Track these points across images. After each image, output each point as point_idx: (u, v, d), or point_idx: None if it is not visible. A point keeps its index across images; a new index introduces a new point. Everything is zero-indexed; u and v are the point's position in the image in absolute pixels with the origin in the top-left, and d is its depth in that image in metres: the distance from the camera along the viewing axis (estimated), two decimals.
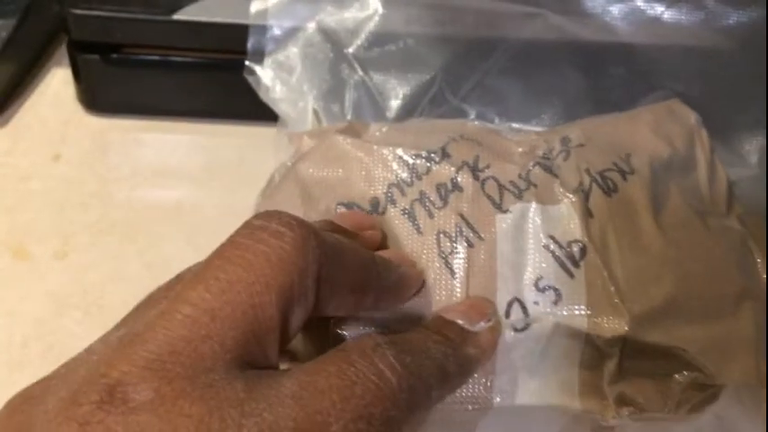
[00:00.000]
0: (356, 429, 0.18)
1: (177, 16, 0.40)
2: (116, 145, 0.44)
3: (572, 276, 0.26)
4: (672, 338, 0.25)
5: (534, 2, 0.38)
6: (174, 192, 0.42)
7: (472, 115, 0.40)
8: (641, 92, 0.38)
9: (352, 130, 0.31)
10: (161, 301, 0.20)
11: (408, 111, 0.39)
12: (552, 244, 0.26)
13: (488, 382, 0.25)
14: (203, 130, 0.44)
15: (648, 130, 0.30)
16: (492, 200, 0.27)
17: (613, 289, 0.25)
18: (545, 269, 0.26)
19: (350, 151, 0.29)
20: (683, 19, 0.39)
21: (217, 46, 0.41)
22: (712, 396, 0.27)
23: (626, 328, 0.25)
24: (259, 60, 0.39)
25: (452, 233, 0.27)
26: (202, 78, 0.43)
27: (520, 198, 0.27)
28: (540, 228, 0.27)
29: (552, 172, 0.28)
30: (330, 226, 0.24)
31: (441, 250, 0.26)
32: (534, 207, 0.27)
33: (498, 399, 0.25)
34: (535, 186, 0.28)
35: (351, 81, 0.39)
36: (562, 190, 0.27)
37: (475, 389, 0.25)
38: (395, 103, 0.39)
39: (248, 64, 0.39)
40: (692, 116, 0.32)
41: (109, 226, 0.40)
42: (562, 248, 0.26)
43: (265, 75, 0.39)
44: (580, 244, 0.26)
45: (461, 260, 0.26)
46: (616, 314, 0.25)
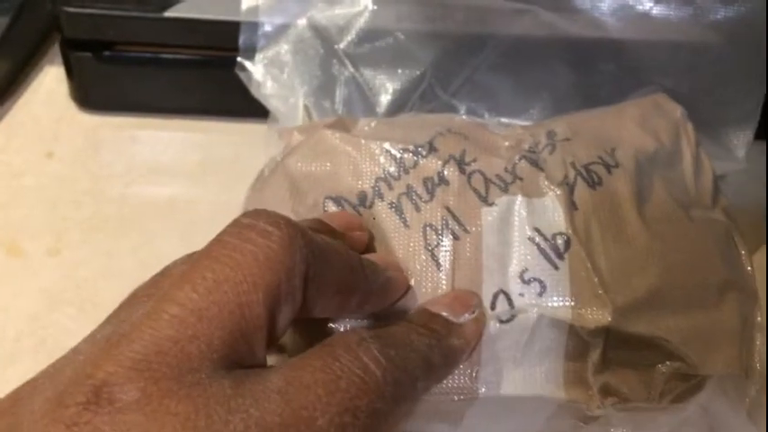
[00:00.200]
0: (342, 423, 0.18)
1: (169, 14, 0.40)
2: (109, 142, 0.44)
3: (556, 268, 0.26)
4: (655, 329, 0.25)
5: None
6: (168, 189, 0.42)
7: (462, 111, 0.40)
8: (630, 87, 0.38)
9: (340, 125, 0.31)
10: (147, 299, 0.20)
11: (398, 106, 0.39)
12: (537, 236, 0.26)
13: (474, 373, 0.25)
14: (196, 127, 0.45)
15: (634, 124, 0.30)
16: (478, 193, 0.27)
17: (597, 280, 0.25)
18: (530, 261, 0.26)
19: (338, 146, 0.30)
20: (672, 15, 0.39)
21: (208, 43, 0.41)
22: (696, 386, 0.27)
23: (609, 319, 0.25)
24: (250, 57, 0.39)
25: (439, 226, 0.27)
26: (195, 75, 0.43)
27: (506, 191, 0.27)
28: (526, 220, 0.27)
29: (538, 165, 0.28)
30: (318, 225, 0.25)
31: (427, 243, 0.27)
32: (520, 200, 0.27)
33: (484, 389, 0.25)
34: (521, 180, 0.28)
35: (341, 77, 0.39)
36: (547, 183, 0.27)
37: (460, 380, 0.25)
38: (385, 99, 0.39)
39: (240, 60, 0.39)
40: (678, 110, 0.32)
41: (102, 222, 0.40)
42: (547, 241, 0.26)
43: (256, 71, 0.39)
44: (564, 236, 0.26)
45: (447, 253, 0.26)
46: (599, 305, 0.25)
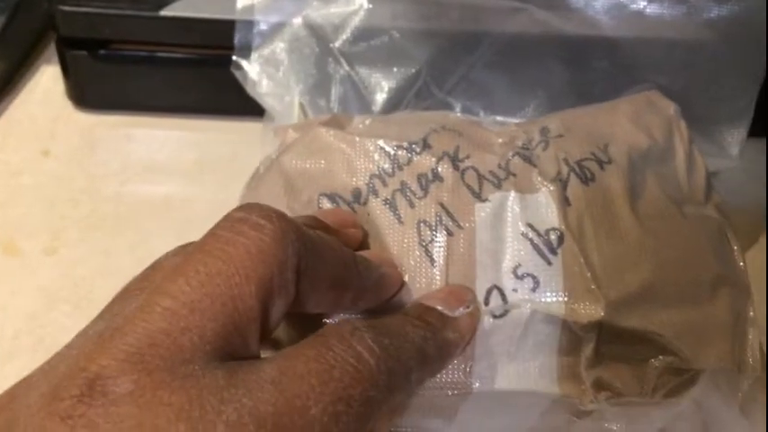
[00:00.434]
0: (335, 411, 0.19)
1: (164, 12, 0.40)
2: (105, 141, 0.44)
3: (549, 263, 0.26)
4: (648, 323, 0.26)
5: None
6: (164, 187, 0.42)
7: (457, 109, 0.40)
8: (625, 85, 0.38)
9: (335, 123, 0.32)
10: (139, 293, 0.20)
11: (394, 105, 0.39)
12: (530, 232, 0.27)
13: (467, 368, 0.25)
14: (192, 126, 0.45)
15: (627, 121, 0.31)
16: (471, 189, 0.28)
17: (590, 275, 0.26)
18: (523, 257, 0.26)
19: (332, 143, 0.30)
20: (666, 13, 0.39)
21: (204, 41, 0.41)
22: (689, 381, 0.27)
23: (602, 314, 0.25)
24: (246, 55, 0.39)
25: (432, 222, 0.27)
26: (190, 74, 0.43)
27: (499, 187, 0.28)
28: (519, 216, 0.27)
29: (531, 162, 0.28)
30: (312, 222, 0.25)
31: (421, 239, 0.27)
32: (513, 196, 0.27)
33: (477, 384, 0.25)
34: (514, 176, 0.28)
35: (337, 75, 0.39)
36: (540, 179, 0.28)
37: (454, 374, 0.25)
38: (380, 97, 0.39)
39: (235, 59, 0.39)
40: (671, 107, 0.32)
41: (99, 221, 0.40)
42: (540, 236, 0.26)
43: (252, 70, 0.39)
44: (558, 232, 0.26)
45: (441, 249, 0.27)
46: (592, 300, 0.25)
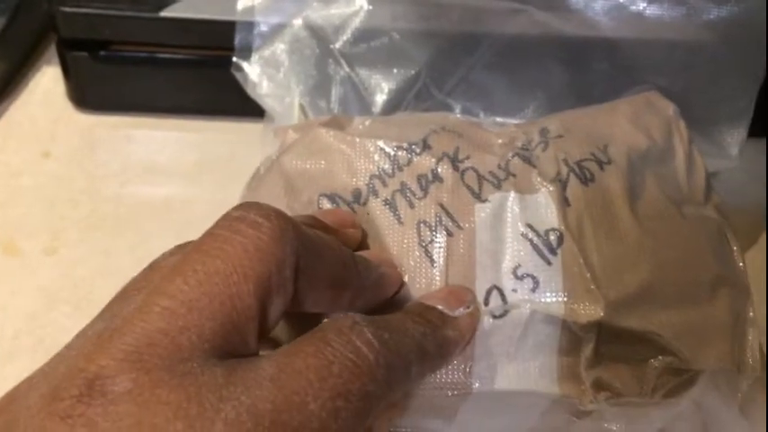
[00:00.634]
0: (334, 407, 0.19)
1: (164, 13, 0.40)
2: (105, 142, 0.44)
3: (549, 264, 0.26)
4: (647, 324, 0.26)
5: None
6: (164, 188, 0.42)
7: (457, 110, 0.40)
8: (624, 86, 0.38)
9: (335, 123, 0.32)
10: (137, 293, 0.20)
11: (394, 106, 0.39)
12: (530, 232, 0.27)
13: (467, 368, 0.25)
14: (193, 127, 0.45)
15: (626, 121, 0.31)
16: (471, 190, 0.28)
17: (589, 276, 0.26)
18: (523, 257, 0.26)
19: (332, 144, 0.30)
20: (665, 14, 0.39)
21: (204, 43, 0.41)
22: (689, 381, 0.27)
23: (601, 314, 0.25)
24: (246, 57, 0.39)
25: (432, 223, 0.27)
26: (191, 75, 0.43)
27: (499, 188, 0.28)
28: (519, 217, 0.27)
29: (531, 162, 0.28)
30: (311, 221, 0.25)
31: (421, 240, 0.27)
32: (513, 196, 0.27)
33: (477, 384, 0.25)
34: (514, 176, 0.28)
35: (337, 77, 0.39)
36: (540, 179, 0.28)
37: (454, 375, 0.25)
38: (380, 98, 0.39)
39: (236, 60, 0.39)
40: (671, 107, 0.32)
41: (99, 221, 0.40)
42: (540, 237, 0.26)
43: (252, 71, 0.39)
44: (557, 232, 0.26)
45: (441, 249, 0.27)
46: (592, 300, 0.25)
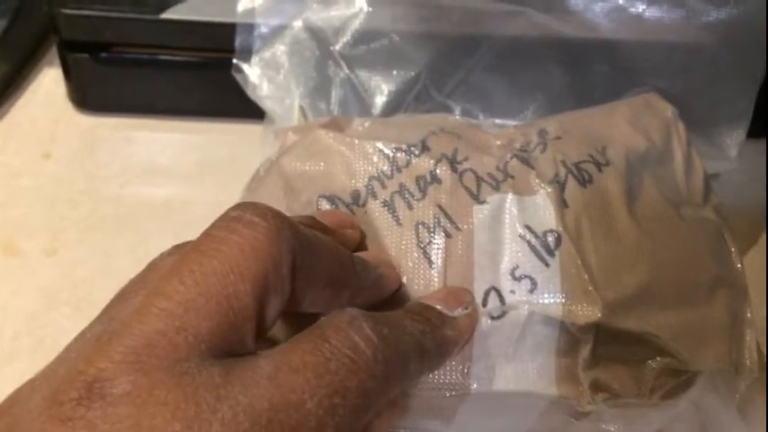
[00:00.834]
0: (331, 404, 0.19)
1: (165, 15, 0.40)
2: (106, 143, 0.44)
3: (547, 265, 0.26)
4: (645, 325, 0.26)
5: (518, 0, 0.39)
6: (164, 189, 0.42)
7: (457, 112, 0.40)
8: (624, 88, 0.39)
9: (335, 125, 0.32)
10: (134, 295, 0.20)
11: (393, 108, 0.40)
12: (528, 234, 0.27)
13: (465, 369, 0.25)
14: (193, 128, 0.45)
15: (625, 123, 0.31)
16: (470, 191, 0.28)
17: (587, 277, 0.26)
18: (521, 258, 0.26)
19: (332, 145, 0.30)
20: (665, 16, 0.39)
21: (205, 44, 0.42)
22: (687, 383, 0.27)
23: (599, 315, 0.25)
24: (246, 58, 0.40)
25: (431, 224, 0.27)
26: (191, 77, 0.43)
27: (497, 189, 0.28)
28: (517, 218, 0.27)
29: (529, 164, 0.28)
30: (310, 222, 0.25)
31: (419, 241, 0.27)
32: (511, 198, 0.27)
33: (475, 385, 0.26)
34: (512, 178, 0.28)
35: (337, 78, 0.40)
36: (538, 181, 0.28)
37: (453, 375, 0.25)
38: (380, 100, 0.39)
39: (236, 62, 0.40)
40: (669, 109, 0.32)
41: (99, 222, 0.40)
42: (538, 238, 0.27)
43: (253, 73, 0.40)
44: (555, 233, 0.27)
45: (439, 250, 0.27)
46: (590, 301, 0.25)
